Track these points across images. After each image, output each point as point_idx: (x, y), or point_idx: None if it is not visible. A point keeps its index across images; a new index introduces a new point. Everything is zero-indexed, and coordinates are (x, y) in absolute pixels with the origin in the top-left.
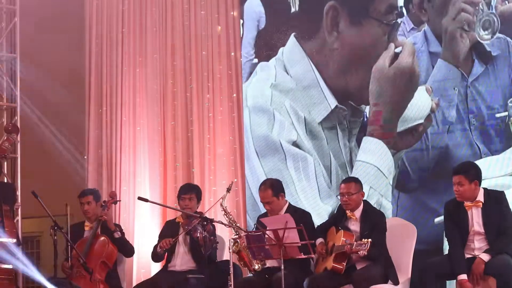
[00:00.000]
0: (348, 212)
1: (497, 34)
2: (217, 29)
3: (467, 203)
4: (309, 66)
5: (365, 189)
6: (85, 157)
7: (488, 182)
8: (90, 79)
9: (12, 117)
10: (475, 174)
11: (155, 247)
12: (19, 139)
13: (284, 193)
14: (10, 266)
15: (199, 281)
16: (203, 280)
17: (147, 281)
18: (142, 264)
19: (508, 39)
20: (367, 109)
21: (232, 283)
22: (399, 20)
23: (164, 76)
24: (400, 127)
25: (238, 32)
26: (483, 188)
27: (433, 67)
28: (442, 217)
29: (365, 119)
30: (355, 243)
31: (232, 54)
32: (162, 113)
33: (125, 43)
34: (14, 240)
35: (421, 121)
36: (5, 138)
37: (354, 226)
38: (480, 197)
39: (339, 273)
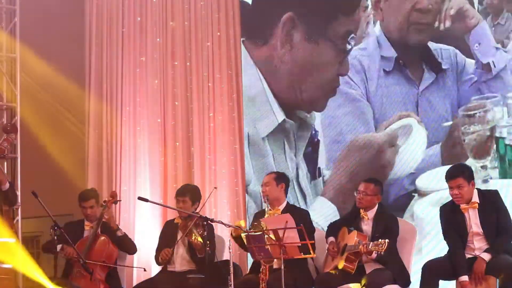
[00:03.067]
0: (362, 212)
1: (445, 46)
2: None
3: (463, 206)
4: (257, 75)
5: None
6: (86, 156)
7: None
8: (90, 79)
9: (12, 117)
10: (471, 175)
11: (157, 250)
12: (19, 139)
13: (286, 185)
14: (9, 266)
15: (199, 281)
16: (203, 280)
17: (147, 282)
18: (142, 264)
19: (457, 51)
20: (316, 121)
21: (232, 283)
22: (352, 45)
23: (164, 76)
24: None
25: (239, 32)
26: (476, 188)
27: (384, 71)
28: None
29: (314, 131)
30: (371, 242)
31: (232, 54)
32: (162, 113)
33: (125, 43)
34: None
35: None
36: (4, 138)
37: (367, 226)
38: (475, 198)
39: (349, 272)
